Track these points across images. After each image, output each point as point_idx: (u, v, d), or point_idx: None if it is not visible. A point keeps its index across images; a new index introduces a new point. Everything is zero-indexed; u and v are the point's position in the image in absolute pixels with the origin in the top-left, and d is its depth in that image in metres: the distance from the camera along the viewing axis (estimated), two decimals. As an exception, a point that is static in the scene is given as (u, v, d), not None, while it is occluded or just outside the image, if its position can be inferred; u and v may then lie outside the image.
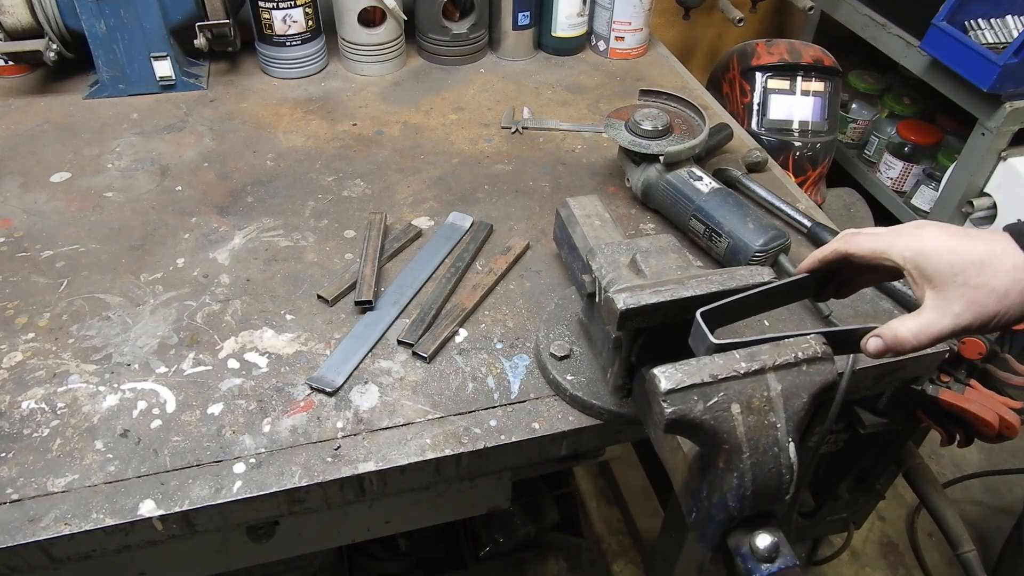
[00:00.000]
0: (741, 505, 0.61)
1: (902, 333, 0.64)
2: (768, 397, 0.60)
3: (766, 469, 0.61)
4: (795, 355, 0.61)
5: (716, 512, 0.63)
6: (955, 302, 0.62)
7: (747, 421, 0.60)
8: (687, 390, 0.59)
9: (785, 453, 0.61)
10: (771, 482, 0.61)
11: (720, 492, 0.62)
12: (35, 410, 0.81)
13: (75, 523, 0.70)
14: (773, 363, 0.61)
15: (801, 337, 0.63)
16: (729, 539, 0.64)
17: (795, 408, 0.61)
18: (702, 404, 0.59)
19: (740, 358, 0.61)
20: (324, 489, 0.76)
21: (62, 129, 1.27)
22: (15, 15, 1.24)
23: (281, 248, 1.03)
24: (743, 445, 0.60)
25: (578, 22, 1.50)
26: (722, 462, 0.61)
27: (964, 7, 1.73)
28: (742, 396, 0.60)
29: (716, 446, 0.60)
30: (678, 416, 0.59)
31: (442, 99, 1.39)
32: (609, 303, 0.69)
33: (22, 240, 1.03)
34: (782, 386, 0.61)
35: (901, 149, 2.12)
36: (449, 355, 0.89)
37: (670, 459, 0.72)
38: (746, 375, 0.60)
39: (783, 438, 0.61)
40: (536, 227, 1.08)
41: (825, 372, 0.62)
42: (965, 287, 0.62)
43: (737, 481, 0.60)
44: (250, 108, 1.34)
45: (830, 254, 0.70)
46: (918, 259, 0.64)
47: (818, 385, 0.62)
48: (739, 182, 1.14)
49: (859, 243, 0.68)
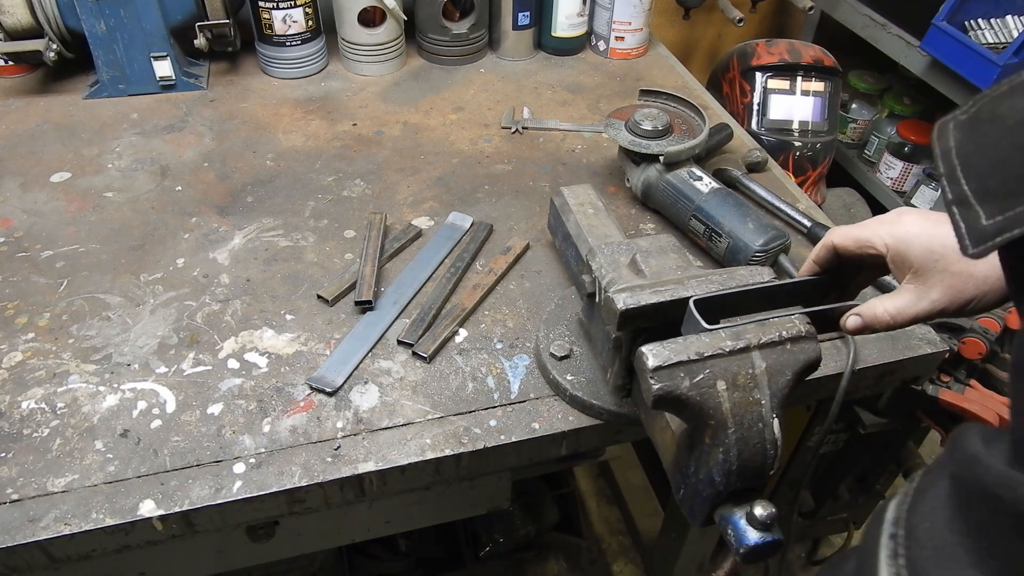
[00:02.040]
0: (727, 480, 0.62)
1: (880, 312, 0.66)
2: (753, 374, 0.62)
3: (751, 444, 0.62)
4: (779, 334, 0.63)
5: (703, 487, 0.64)
6: (933, 287, 0.64)
7: (732, 397, 0.61)
8: (674, 367, 0.60)
9: (769, 429, 0.62)
10: (756, 457, 0.62)
11: (707, 467, 0.63)
12: (35, 410, 0.81)
13: (75, 523, 0.70)
14: (758, 341, 0.62)
15: (785, 317, 0.65)
16: (716, 514, 0.66)
17: (779, 385, 0.63)
18: (688, 381, 0.60)
19: (726, 336, 0.62)
20: (324, 489, 0.76)
21: (62, 129, 1.27)
22: (15, 15, 1.25)
23: (281, 248, 1.03)
24: (728, 421, 0.61)
25: (578, 22, 1.50)
26: (708, 438, 0.62)
27: (964, 7, 1.73)
28: (728, 373, 0.61)
29: (702, 422, 0.62)
30: (665, 392, 0.60)
31: (442, 99, 1.39)
32: (609, 303, 0.69)
33: (22, 240, 1.03)
34: (767, 364, 0.62)
35: (901, 149, 2.12)
36: (449, 355, 0.89)
37: (659, 438, 0.73)
38: (731, 353, 0.62)
39: (767, 414, 0.62)
40: (536, 227, 1.08)
41: (808, 350, 0.64)
42: (944, 272, 0.63)
43: (723, 456, 0.62)
44: (250, 108, 1.34)
45: (820, 251, 0.72)
46: (899, 245, 0.65)
47: (802, 363, 0.63)
48: (739, 182, 1.14)
49: (844, 234, 0.70)
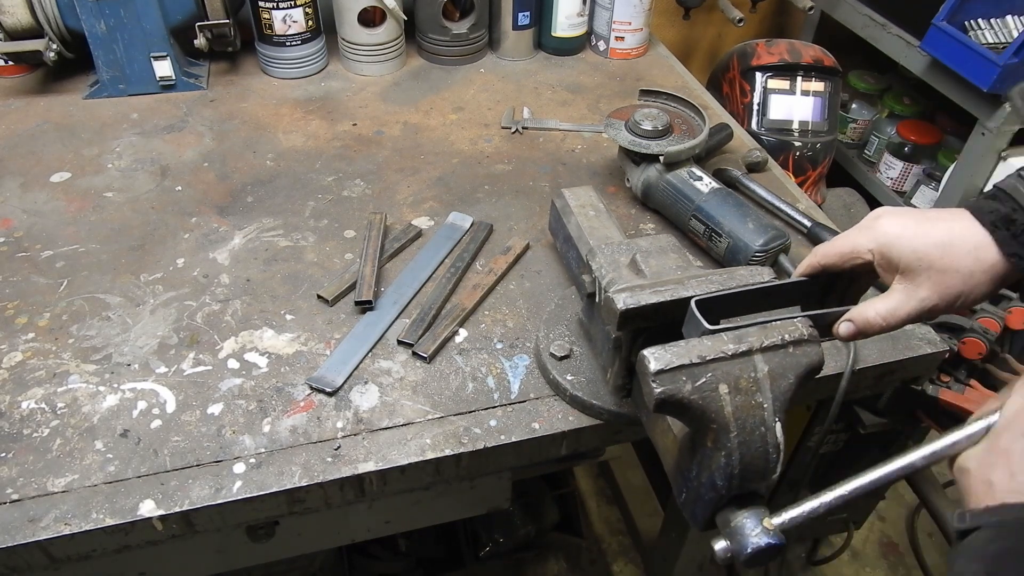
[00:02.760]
0: (729, 484, 0.62)
1: (871, 316, 0.66)
2: (755, 378, 0.62)
3: (753, 448, 0.62)
4: (782, 337, 0.63)
5: (705, 491, 0.64)
6: (921, 286, 0.63)
7: (735, 401, 0.61)
8: (676, 371, 0.60)
9: (772, 432, 0.62)
10: (758, 461, 0.62)
11: (709, 471, 0.63)
12: (35, 410, 0.81)
13: (75, 523, 0.70)
14: (760, 345, 0.62)
15: (788, 320, 0.64)
16: (717, 517, 0.66)
17: (782, 389, 0.62)
18: (690, 384, 0.60)
19: (728, 340, 0.62)
20: (324, 489, 0.76)
21: (62, 129, 1.27)
22: (15, 15, 1.24)
23: (281, 248, 1.03)
24: (731, 424, 0.61)
25: (578, 22, 1.50)
26: (710, 441, 0.62)
27: (964, 7, 1.73)
28: (730, 377, 0.61)
29: (704, 426, 0.62)
30: (667, 396, 0.60)
31: (442, 99, 1.39)
32: (609, 303, 0.69)
33: (22, 240, 1.03)
34: (769, 367, 0.62)
35: (901, 149, 2.12)
36: (449, 355, 0.89)
37: (661, 441, 0.73)
38: (734, 356, 0.61)
39: (770, 418, 0.62)
40: (536, 227, 1.08)
41: (811, 354, 0.63)
42: (930, 271, 0.63)
43: (725, 460, 0.61)
44: (250, 108, 1.34)
45: (806, 269, 0.71)
46: (883, 249, 0.65)
47: (804, 366, 0.63)
48: (739, 182, 1.14)
49: (826, 252, 0.69)
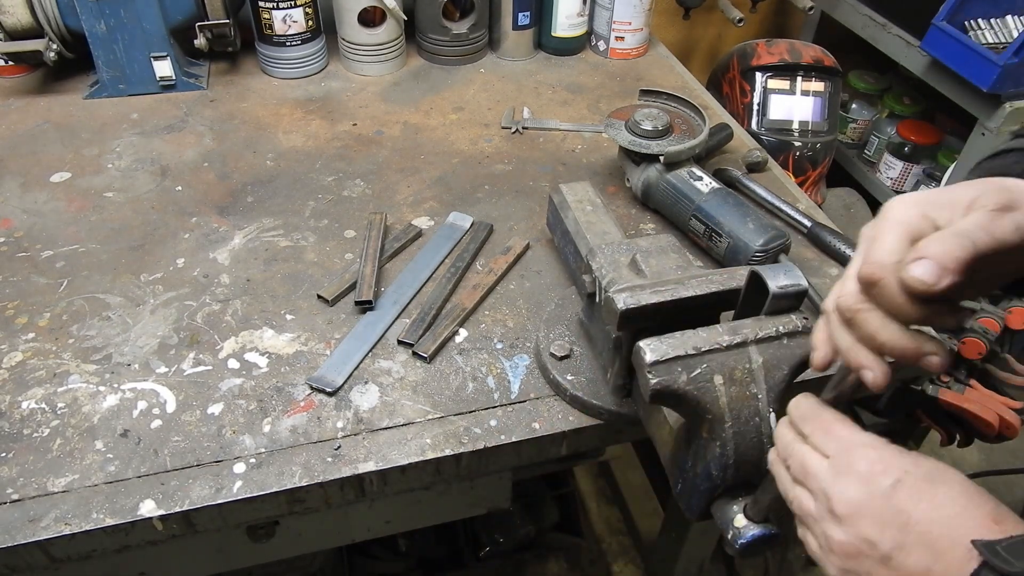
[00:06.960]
0: (724, 474, 0.63)
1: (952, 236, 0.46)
2: (750, 369, 0.62)
3: (747, 439, 0.62)
4: (776, 329, 0.63)
5: (700, 482, 0.64)
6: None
7: (729, 392, 0.62)
8: (671, 361, 0.61)
9: (766, 423, 0.63)
10: (752, 451, 0.63)
11: (704, 462, 0.63)
12: (35, 410, 0.81)
13: (75, 523, 0.70)
14: (755, 336, 0.63)
15: (782, 313, 0.65)
16: (713, 508, 0.66)
17: (776, 380, 0.63)
18: (685, 375, 0.61)
19: (723, 331, 0.63)
20: (324, 489, 0.76)
21: (62, 129, 1.26)
22: (15, 15, 1.24)
23: (281, 248, 1.03)
24: (725, 415, 0.61)
25: (578, 22, 1.50)
26: (705, 432, 0.62)
27: (964, 7, 1.72)
28: (724, 368, 0.62)
29: (699, 416, 0.62)
30: (662, 387, 0.60)
31: (442, 99, 1.39)
32: (609, 303, 0.69)
33: (22, 240, 1.03)
34: (763, 358, 0.63)
35: (901, 149, 2.12)
36: (449, 355, 0.89)
37: (657, 433, 0.74)
38: (728, 348, 0.62)
39: (764, 408, 0.62)
40: (536, 227, 1.08)
41: (805, 345, 0.64)
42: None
43: (720, 450, 0.62)
44: (250, 108, 1.34)
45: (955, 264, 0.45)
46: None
47: (798, 358, 0.64)
48: (739, 182, 1.14)
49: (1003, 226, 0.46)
